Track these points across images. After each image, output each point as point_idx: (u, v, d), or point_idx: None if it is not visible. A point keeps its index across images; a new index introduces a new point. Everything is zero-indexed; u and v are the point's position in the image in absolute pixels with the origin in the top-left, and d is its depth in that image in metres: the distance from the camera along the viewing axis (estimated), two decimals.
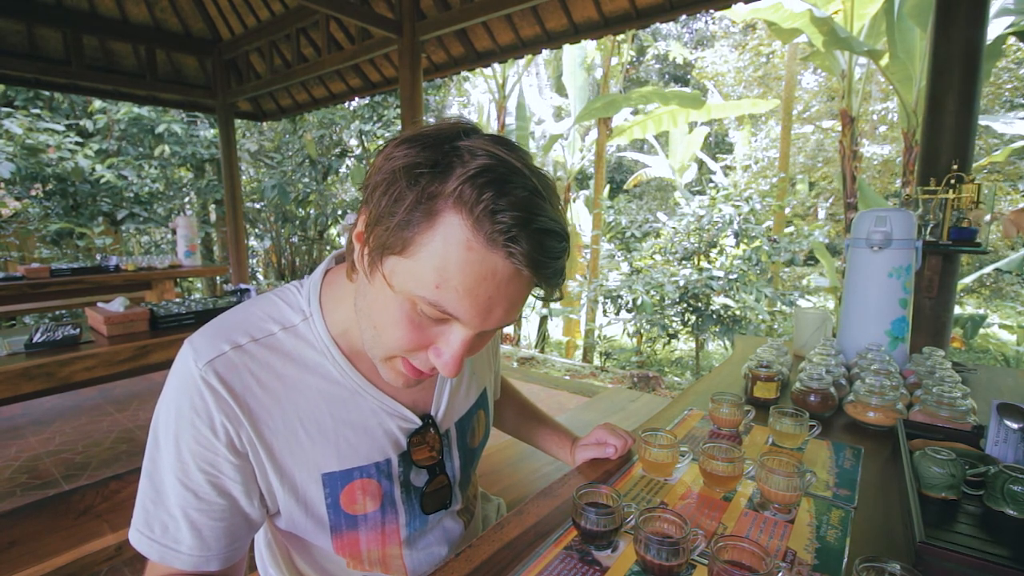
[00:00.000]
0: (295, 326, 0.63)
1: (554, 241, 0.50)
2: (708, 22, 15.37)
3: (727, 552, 0.57)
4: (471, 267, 0.48)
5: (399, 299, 0.52)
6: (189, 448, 0.57)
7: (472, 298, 0.50)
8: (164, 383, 0.60)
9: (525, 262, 0.48)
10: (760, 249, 5.13)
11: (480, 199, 0.46)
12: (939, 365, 1.20)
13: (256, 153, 8.14)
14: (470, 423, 0.79)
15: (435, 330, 0.54)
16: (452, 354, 0.54)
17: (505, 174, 0.48)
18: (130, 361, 1.98)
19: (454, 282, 0.49)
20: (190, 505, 0.58)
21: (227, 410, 0.57)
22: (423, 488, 0.72)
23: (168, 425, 0.58)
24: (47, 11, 4.10)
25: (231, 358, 0.58)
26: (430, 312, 0.51)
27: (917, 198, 2.15)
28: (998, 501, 0.69)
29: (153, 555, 0.59)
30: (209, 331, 0.61)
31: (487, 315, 0.51)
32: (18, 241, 5.99)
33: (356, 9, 3.49)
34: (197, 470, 0.57)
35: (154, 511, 0.59)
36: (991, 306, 7.94)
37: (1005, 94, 8.16)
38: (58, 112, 6.42)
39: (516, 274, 0.50)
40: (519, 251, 0.48)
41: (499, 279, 0.49)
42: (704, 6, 3.15)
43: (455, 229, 0.48)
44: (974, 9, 2.14)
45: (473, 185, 0.47)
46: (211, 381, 0.56)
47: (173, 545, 0.58)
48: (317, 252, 8.53)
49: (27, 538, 1.55)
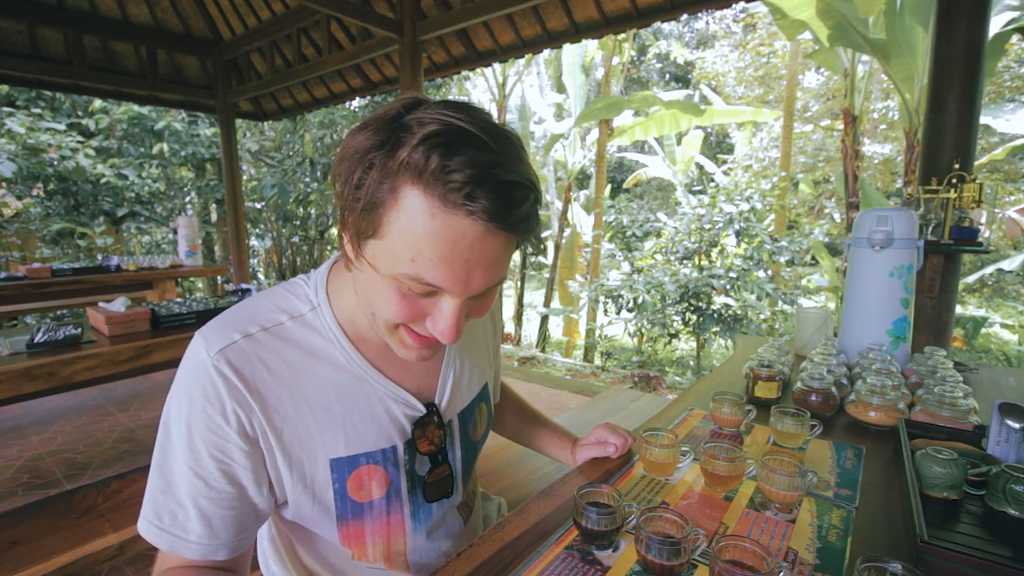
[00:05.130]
0: (303, 315, 0.65)
1: (515, 191, 0.49)
2: (709, 22, 15.35)
3: (728, 552, 0.57)
4: (439, 234, 0.48)
5: (385, 280, 0.53)
6: (201, 436, 0.58)
7: (448, 265, 0.50)
8: (167, 381, 0.61)
9: (487, 216, 0.48)
10: (761, 248, 5.12)
11: (428, 164, 0.46)
12: (941, 365, 1.20)
13: (257, 153, 8.15)
14: (472, 415, 0.80)
15: (426, 302, 0.55)
16: (447, 323, 0.55)
17: (452, 135, 0.47)
18: (131, 361, 1.99)
19: (427, 253, 0.49)
20: (200, 493, 0.58)
21: (238, 397, 0.58)
22: (426, 477, 0.72)
23: (180, 414, 0.59)
24: (49, 11, 4.11)
25: (242, 346, 0.60)
26: (415, 287, 0.52)
27: (919, 197, 2.14)
28: (1000, 501, 0.69)
29: (163, 545, 0.59)
30: (220, 322, 0.62)
31: (468, 280, 0.52)
32: (19, 241, 6.00)
33: (357, 9, 3.49)
34: (208, 457, 0.58)
35: (164, 501, 0.59)
36: (992, 305, 7.93)
37: (1007, 92, 8.14)
38: (59, 112, 6.43)
39: (485, 232, 0.49)
40: (479, 207, 0.47)
41: (470, 240, 0.49)
42: (705, 5, 3.14)
43: (414, 200, 0.48)
44: (976, 7, 2.13)
45: (421, 153, 0.47)
46: (222, 369, 0.58)
47: (182, 534, 0.59)
48: (318, 252, 8.54)
49: (29, 537, 1.55)
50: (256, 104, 5.95)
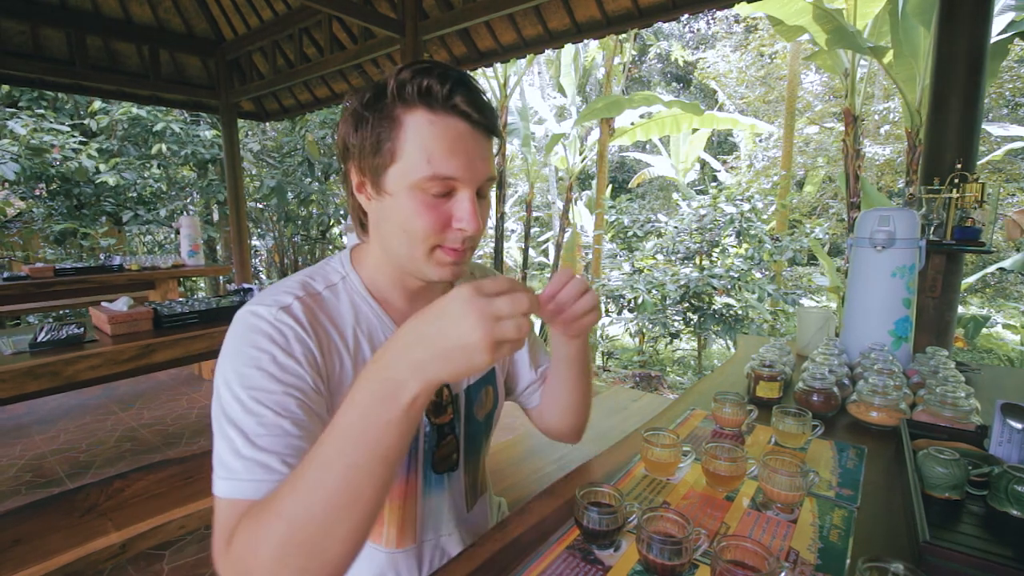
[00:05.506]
0: (335, 284, 0.74)
1: (482, 97, 0.65)
2: (710, 22, 15.33)
3: (730, 552, 0.57)
4: (442, 133, 0.62)
5: (410, 195, 0.64)
6: (277, 378, 0.60)
7: (455, 156, 0.63)
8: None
9: (469, 110, 0.63)
10: (762, 248, 5.11)
11: (414, 89, 0.62)
12: (943, 365, 1.20)
13: (259, 153, 8.16)
14: (479, 393, 0.84)
15: (447, 205, 0.65)
16: (467, 211, 0.65)
17: (421, 70, 0.62)
18: (134, 360, 1.99)
19: (438, 151, 0.62)
20: (287, 432, 0.58)
21: (303, 342, 0.64)
22: (434, 447, 0.78)
23: (247, 368, 0.60)
24: (51, 11, 4.12)
25: (296, 305, 0.66)
26: (435, 188, 0.63)
27: (921, 197, 2.14)
28: (1002, 501, 0.69)
29: (258, 492, 0.55)
30: (266, 296, 0.68)
31: (472, 167, 0.64)
32: (22, 241, 6.01)
33: (359, 9, 3.49)
34: (286, 395, 0.60)
35: (250, 453, 0.56)
36: (994, 305, 7.91)
37: (1007, 93, 8.12)
38: (62, 112, 6.44)
39: (473, 129, 0.64)
40: (461, 105, 0.62)
41: (464, 135, 0.64)
42: (707, 5, 3.13)
43: (413, 117, 0.62)
44: (978, 7, 2.13)
45: (404, 84, 0.62)
46: (285, 319, 0.64)
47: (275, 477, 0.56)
48: (320, 251, 8.55)
49: (32, 536, 1.56)
50: (258, 104, 5.95)
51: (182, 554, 1.95)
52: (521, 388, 0.94)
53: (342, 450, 0.49)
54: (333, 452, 0.49)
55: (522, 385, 0.94)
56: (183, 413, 3.31)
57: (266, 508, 0.50)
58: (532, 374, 0.93)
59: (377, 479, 0.49)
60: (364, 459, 0.48)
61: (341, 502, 0.48)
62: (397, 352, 0.49)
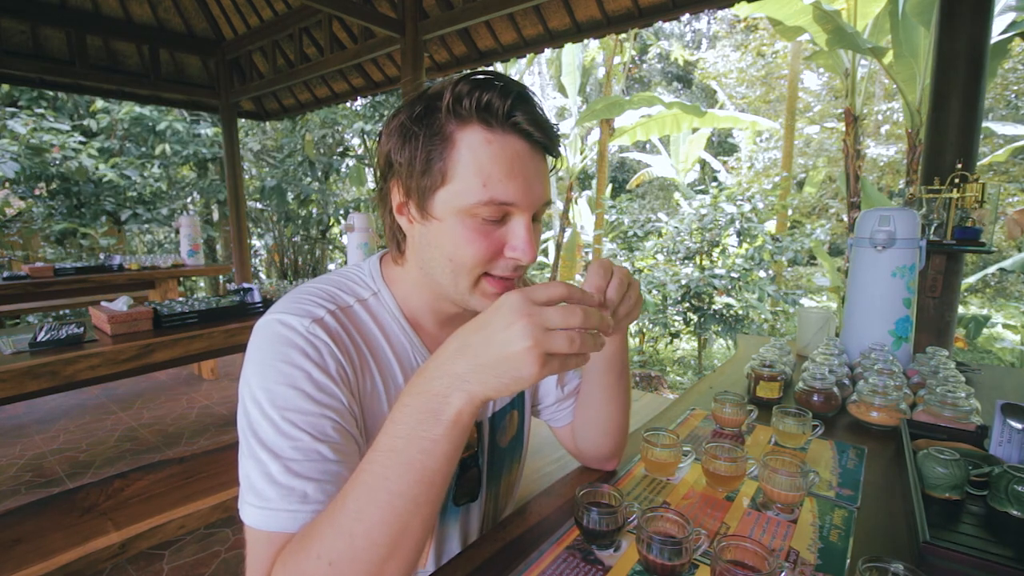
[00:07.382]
0: (366, 300, 0.69)
1: (543, 114, 0.59)
2: (710, 22, 15.33)
3: (730, 552, 0.57)
4: (500, 153, 0.56)
5: (459, 220, 0.58)
6: (312, 397, 0.56)
7: (513, 179, 0.57)
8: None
9: (531, 128, 0.57)
10: (763, 248, 5.11)
11: (471, 105, 0.55)
12: (943, 365, 1.20)
13: (259, 152, 8.16)
14: (503, 420, 0.81)
15: (500, 232, 0.60)
16: (523, 239, 0.59)
17: (480, 76, 0.57)
18: (134, 360, 1.99)
19: (495, 174, 0.56)
20: (323, 457, 0.54)
21: (337, 359, 0.59)
22: (456, 482, 0.74)
23: (279, 387, 0.55)
24: (51, 11, 4.12)
25: (329, 320, 0.61)
26: (489, 213, 0.57)
27: (921, 197, 2.14)
28: (1002, 502, 0.69)
29: (294, 524, 0.52)
30: (294, 305, 0.62)
31: (530, 191, 0.58)
32: (22, 240, 6.01)
33: (359, 8, 3.49)
34: (322, 418, 0.55)
35: (285, 480, 0.52)
36: (995, 306, 7.91)
37: (1009, 94, 8.12)
38: (62, 112, 6.44)
39: (531, 149, 0.59)
40: (522, 119, 0.56)
41: (523, 156, 0.58)
42: (707, 5, 3.13)
43: (469, 135, 0.56)
44: (978, 7, 2.12)
45: (461, 98, 0.55)
46: (319, 333, 0.59)
47: (314, 506, 0.53)
48: (320, 251, 8.55)
49: (31, 536, 1.56)
50: (258, 103, 5.95)
51: (182, 554, 1.95)
52: (547, 405, 0.87)
53: (384, 476, 0.45)
54: (374, 479, 0.45)
55: (547, 402, 0.87)
56: (183, 413, 3.31)
57: (305, 550, 0.47)
58: (559, 391, 0.86)
59: (423, 507, 0.46)
60: (407, 485, 0.45)
61: (386, 537, 0.45)
62: (440, 363, 0.46)
